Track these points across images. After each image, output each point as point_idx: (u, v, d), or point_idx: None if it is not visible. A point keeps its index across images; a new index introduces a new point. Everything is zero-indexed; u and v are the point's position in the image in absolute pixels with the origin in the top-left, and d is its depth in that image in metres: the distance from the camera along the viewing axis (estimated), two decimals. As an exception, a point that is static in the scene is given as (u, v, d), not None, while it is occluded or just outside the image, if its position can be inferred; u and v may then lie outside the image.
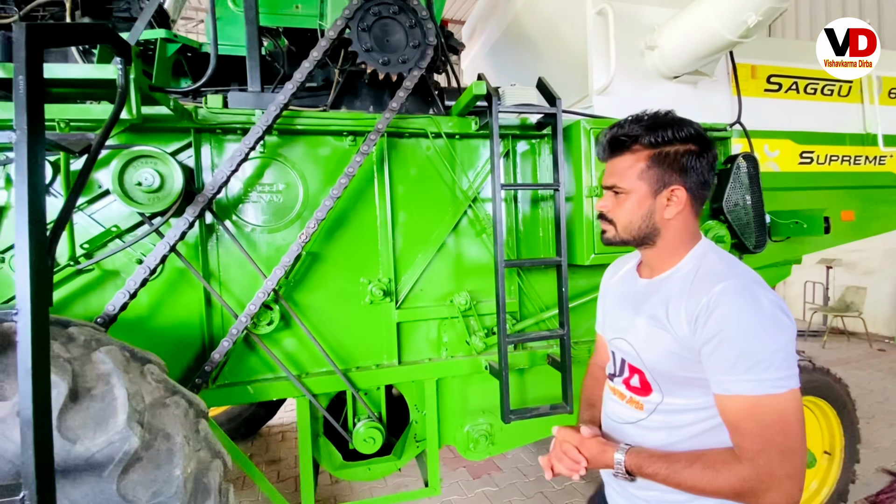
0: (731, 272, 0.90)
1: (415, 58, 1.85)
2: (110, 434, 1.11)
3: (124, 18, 2.15)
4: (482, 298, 2.06)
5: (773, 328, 0.82)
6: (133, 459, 1.13)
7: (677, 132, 0.94)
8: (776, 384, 0.80)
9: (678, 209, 0.95)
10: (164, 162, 1.63)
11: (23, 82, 0.89)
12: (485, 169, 2.07)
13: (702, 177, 0.95)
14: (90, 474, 1.08)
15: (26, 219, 0.87)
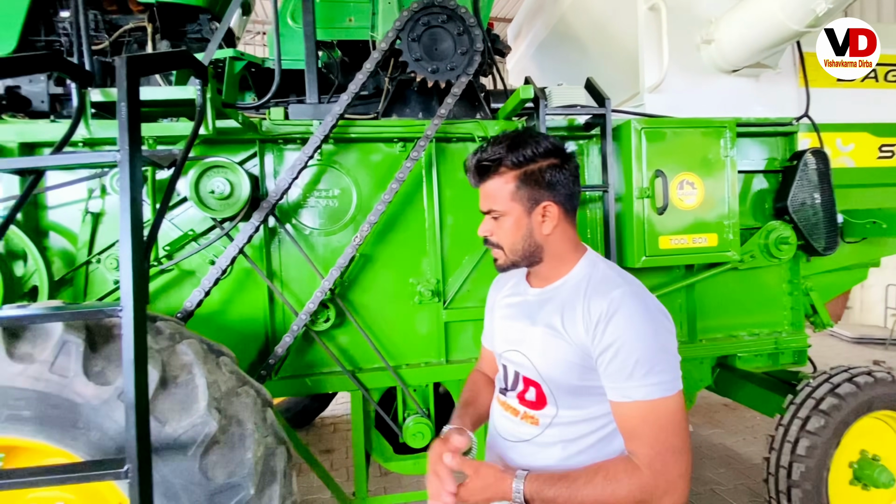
0: (622, 279, 0.94)
1: (462, 64, 1.90)
2: (193, 418, 1.25)
3: (196, 39, 2.36)
4: (529, 300, 2.07)
5: (663, 333, 0.88)
6: (212, 442, 1.26)
7: (536, 148, 0.95)
8: (669, 387, 0.84)
9: (554, 223, 0.97)
10: (233, 171, 1.78)
11: (125, 108, 1.02)
12: (532, 171, 2.07)
13: (567, 188, 0.98)
14: (177, 453, 1.22)
15: (129, 226, 1.00)
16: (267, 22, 11.53)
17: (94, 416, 1.20)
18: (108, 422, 1.21)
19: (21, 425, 1.20)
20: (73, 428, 1.20)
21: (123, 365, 0.98)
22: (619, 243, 2.02)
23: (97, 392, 1.20)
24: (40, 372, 1.20)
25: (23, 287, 1.82)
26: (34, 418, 1.20)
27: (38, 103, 2.12)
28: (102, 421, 1.20)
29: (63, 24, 2.19)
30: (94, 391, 1.20)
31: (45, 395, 1.20)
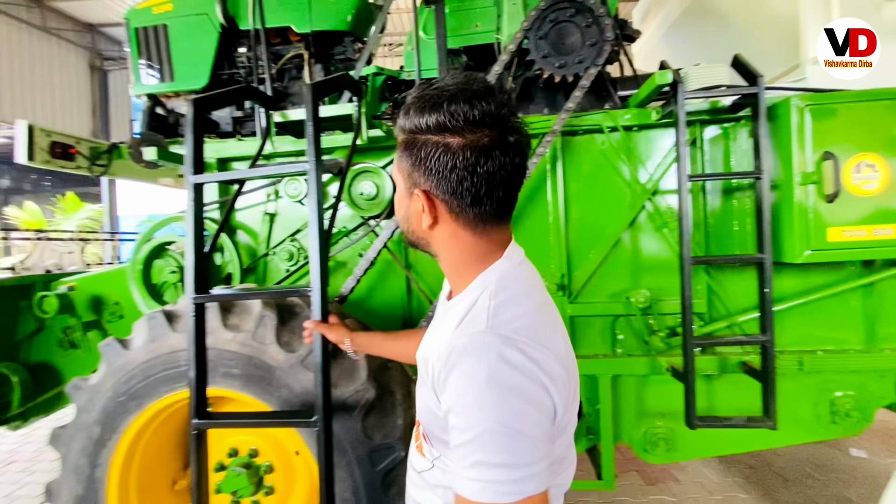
0: (489, 318, 0.66)
1: (591, 56, 1.88)
2: (357, 384, 1.46)
3: (341, 60, 2.69)
4: (663, 297, 1.97)
5: (512, 409, 0.59)
6: (371, 406, 1.46)
7: (428, 113, 0.66)
8: (505, 490, 0.58)
9: (431, 219, 0.71)
10: (378, 175, 2.01)
11: (311, 127, 1.24)
12: (667, 160, 1.97)
13: (460, 184, 0.67)
14: (344, 413, 1.44)
15: (316, 223, 1.21)
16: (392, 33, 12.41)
17: (284, 377, 1.48)
18: (293, 382, 1.48)
19: (232, 380, 1.53)
20: (269, 385, 1.49)
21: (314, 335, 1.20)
22: (775, 236, 1.81)
23: (286, 358, 1.48)
24: (245, 339, 1.52)
25: (221, 273, 2.28)
26: (241, 375, 1.52)
27: (224, 125, 2.61)
28: (290, 381, 1.48)
29: (241, 58, 2.67)
30: (284, 357, 1.48)
31: (249, 358, 1.51)
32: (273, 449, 1.75)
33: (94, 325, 2.54)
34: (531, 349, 0.63)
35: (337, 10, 2.47)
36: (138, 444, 1.64)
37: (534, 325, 0.66)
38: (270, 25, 2.43)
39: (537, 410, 0.61)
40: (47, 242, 7.54)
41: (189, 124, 1.31)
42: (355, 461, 1.44)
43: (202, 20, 2.52)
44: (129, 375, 1.56)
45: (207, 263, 1.46)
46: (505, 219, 0.74)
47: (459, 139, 0.66)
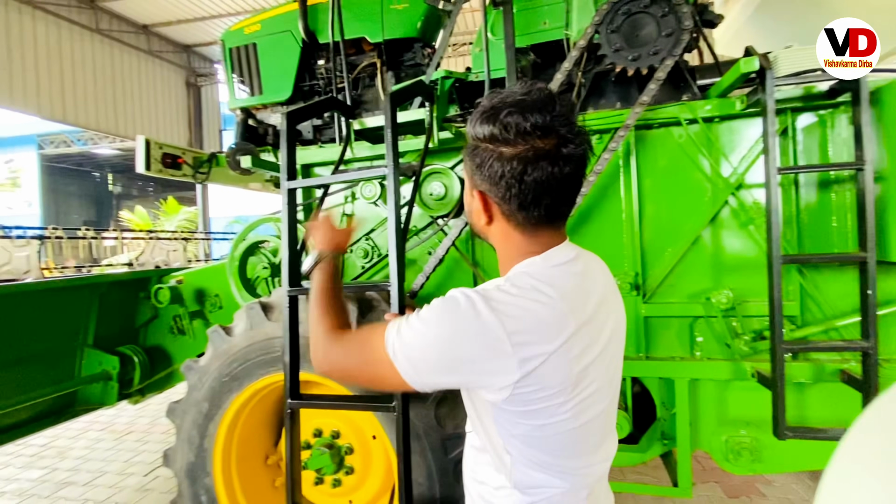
0: (483, 287, 0.79)
1: (668, 47, 1.81)
2: (430, 376, 1.54)
3: (411, 66, 2.80)
4: (748, 298, 1.85)
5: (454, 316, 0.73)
6: (443, 397, 1.54)
7: (485, 124, 0.74)
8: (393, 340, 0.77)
9: (486, 219, 0.81)
10: (447, 176, 2.08)
11: (390, 133, 1.33)
12: (753, 151, 1.84)
13: (505, 191, 0.74)
14: (418, 401, 1.53)
15: (394, 222, 1.30)
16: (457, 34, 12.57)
17: (364, 366, 1.60)
18: (372, 371, 1.59)
19: (319, 367, 1.68)
20: (351, 373, 1.62)
21: (392, 327, 1.30)
22: (879, 233, 1.63)
23: (366, 348, 1.59)
24: (330, 329, 1.66)
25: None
26: (327, 363, 1.66)
27: (305, 134, 2.83)
28: (369, 370, 1.59)
29: (320, 70, 2.87)
30: (364, 347, 1.60)
31: (333, 347, 1.65)
32: (353, 432, 1.89)
33: (197, 314, 2.87)
34: (491, 311, 0.72)
35: (407, 18, 2.59)
36: (238, 420, 1.84)
37: (522, 309, 0.73)
38: (346, 37, 2.60)
39: (476, 334, 0.71)
40: (156, 241, 8.59)
41: (283, 135, 1.46)
42: (429, 448, 1.52)
43: (286, 37, 2.75)
44: (232, 359, 1.76)
45: (300, 260, 1.61)
46: (556, 223, 0.80)
47: (510, 149, 0.73)
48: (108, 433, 4.28)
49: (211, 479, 1.84)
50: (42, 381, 2.54)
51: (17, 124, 17.73)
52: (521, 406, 0.75)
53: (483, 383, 0.75)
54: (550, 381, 0.74)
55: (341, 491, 1.89)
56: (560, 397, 0.75)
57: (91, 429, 4.40)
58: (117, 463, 3.63)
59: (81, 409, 2.83)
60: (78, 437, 4.19)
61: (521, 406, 0.75)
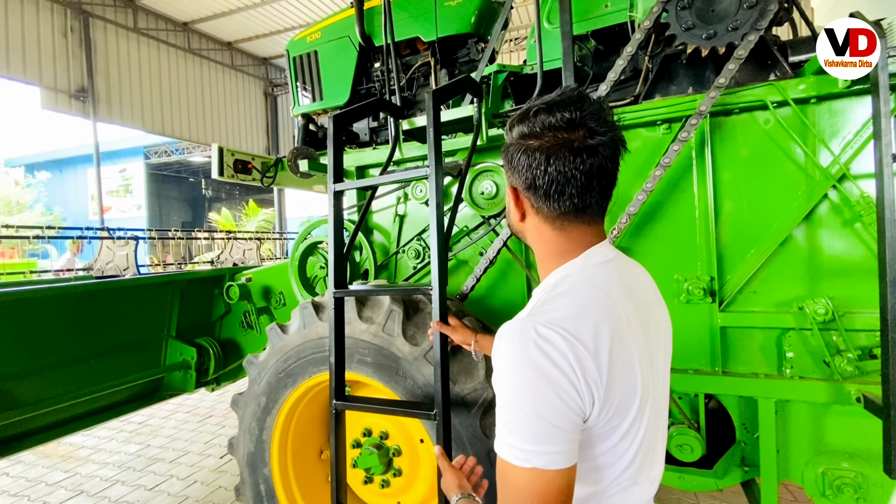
0: (534, 307, 0.75)
1: (750, 20, 1.59)
2: (475, 383, 1.48)
3: (465, 62, 2.74)
4: (852, 308, 1.57)
5: (525, 388, 0.67)
6: (489, 406, 1.46)
7: (518, 124, 0.77)
8: (519, 455, 0.67)
9: (519, 214, 0.82)
10: (499, 174, 2.00)
11: (431, 132, 1.29)
12: (860, 136, 1.56)
13: (531, 181, 0.76)
14: (463, 409, 1.47)
15: (436, 224, 1.25)
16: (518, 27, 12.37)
17: (409, 369, 1.57)
18: (417, 374, 1.56)
19: (365, 367, 1.68)
20: (396, 375, 1.60)
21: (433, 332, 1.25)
22: None
23: (411, 350, 1.56)
24: (377, 331, 1.65)
25: (359, 270, 2.53)
26: (373, 363, 1.66)
27: (362, 136, 2.87)
28: (414, 373, 1.56)
29: (375, 72, 2.91)
30: (410, 349, 1.57)
31: (379, 348, 1.64)
32: (401, 434, 1.88)
33: (264, 310, 3.04)
34: (560, 338, 0.67)
35: (460, 14, 2.53)
36: (294, 415, 1.91)
37: (573, 318, 0.70)
38: (401, 38, 2.60)
39: (554, 394, 0.66)
40: (234, 241, 9.40)
41: (330, 138, 1.47)
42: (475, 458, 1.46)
43: (344, 42, 2.81)
44: (287, 356, 1.82)
45: (346, 262, 1.62)
46: (585, 218, 0.78)
47: (536, 142, 0.75)
48: (192, 416, 4.71)
49: (269, 470, 1.92)
50: (134, 368, 2.83)
51: (127, 138, 20.25)
52: (597, 426, 0.71)
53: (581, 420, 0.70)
54: (612, 400, 0.69)
55: (390, 492, 1.88)
56: (618, 417, 0.71)
57: (179, 411, 4.86)
58: (198, 444, 3.97)
59: (167, 393, 3.11)
60: (168, 418, 4.66)
61: (597, 427, 0.71)
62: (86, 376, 2.56)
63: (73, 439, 4.14)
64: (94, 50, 10.52)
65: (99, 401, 2.71)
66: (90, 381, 2.57)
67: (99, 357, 2.65)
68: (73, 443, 4.09)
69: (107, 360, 2.70)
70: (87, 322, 2.57)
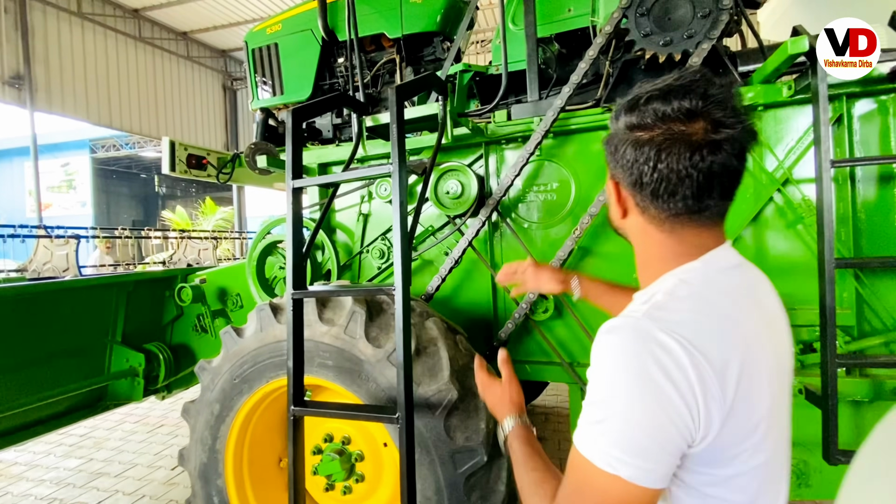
0: (651, 308, 0.64)
1: (704, 29, 1.65)
2: (439, 384, 1.46)
3: (431, 60, 2.72)
4: (795, 306, 1.67)
5: (636, 397, 0.59)
6: (453, 407, 1.45)
7: (626, 114, 0.68)
8: (602, 456, 0.60)
9: (620, 211, 0.75)
10: (464, 173, 1.99)
11: (395, 129, 1.26)
12: (803, 143, 1.66)
13: (637, 178, 0.67)
14: (427, 411, 1.45)
15: (399, 223, 1.23)
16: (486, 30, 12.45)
17: (372, 371, 1.54)
18: (380, 377, 1.52)
19: (326, 371, 1.63)
20: (358, 378, 1.56)
21: (396, 333, 1.22)
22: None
23: (374, 352, 1.53)
24: (338, 333, 1.60)
25: (321, 270, 2.45)
26: (334, 367, 1.61)
27: (325, 133, 2.80)
28: (377, 376, 1.53)
29: (339, 68, 2.84)
30: (372, 351, 1.53)
31: (341, 351, 1.59)
32: (364, 438, 1.83)
33: (220, 313, 2.90)
34: (682, 350, 0.59)
35: (426, 12, 2.51)
36: (250, 423, 1.82)
37: (699, 328, 0.61)
38: (365, 34, 2.54)
39: (664, 412, 0.58)
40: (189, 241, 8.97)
41: (288, 132, 1.41)
42: (438, 461, 1.44)
43: (306, 36, 2.73)
44: (243, 361, 1.74)
45: (305, 262, 1.56)
46: (701, 220, 0.68)
47: (647, 134, 0.66)
48: (141, 426, 4.44)
49: (223, 481, 1.83)
50: (75, 376, 2.63)
51: (71, 130, 18.90)
52: (711, 454, 0.62)
53: (697, 436, 0.61)
54: (733, 426, 0.61)
55: (352, 499, 1.84)
56: (736, 447, 0.63)
57: (127, 420, 4.57)
58: (148, 455, 3.74)
59: (112, 403, 2.91)
60: (114, 429, 4.37)
61: (711, 454, 0.62)
62: (18, 387, 2.36)
63: (5, 455, 3.81)
64: (31, 34, 9.78)
65: (33, 413, 2.50)
66: (23, 391, 2.37)
67: (33, 366, 2.44)
68: (4, 459, 3.76)
69: (42, 369, 2.50)
70: (20, 327, 2.37)
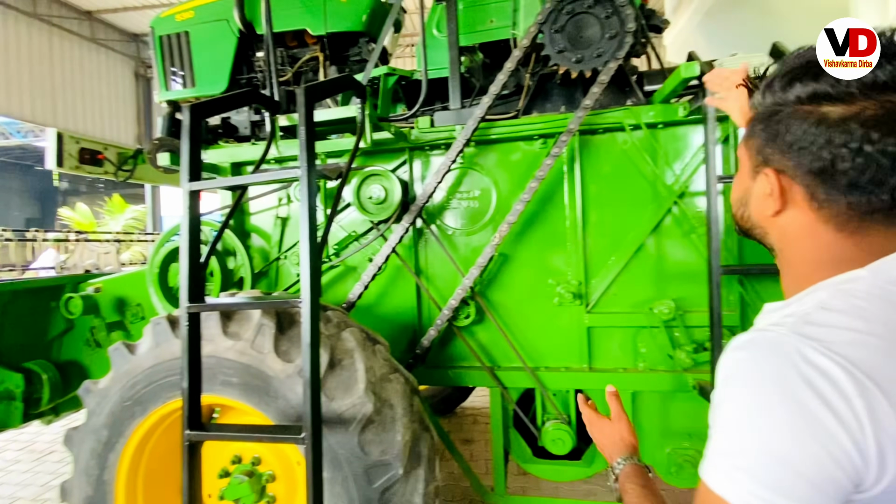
0: (799, 319, 0.53)
1: (611, 49, 1.75)
2: (354, 398, 1.41)
3: (357, 61, 2.65)
4: (690, 308, 1.82)
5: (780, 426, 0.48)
6: (368, 421, 1.40)
7: (802, 82, 0.58)
8: (741, 493, 0.48)
9: (778, 206, 0.60)
10: (387, 178, 1.95)
11: (304, 131, 1.19)
12: (696, 159, 1.81)
13: (828, 164, 0.55)
14: (340, 427, 1.39)
15: (307, 230, 1.16)
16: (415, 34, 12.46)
17: (281, 387, 1.45)
18: (290, 393, 1.44)
19: (231, 389, 1.51)
20: (266, 395, 1.46)
21: (302, 347, 1.16)
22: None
23: (284, 367, 1.44)
24: (244, 347, 1.49)
25: (233, 277, 2.29)
26: (240, 384, 1.49)
27: (242, 129, 2.63)
28: (287, 392, 1.44)
29: (258, 62, 2.68)
30: (282, 366, 1.45)
31: (247, 367, 1.49)
32: (276, 458, 1.73)
33: (118, 325, 2.61)
34: (843, 373, 0.47)
35: (352, 11, 2.44)
36: (145, 449, 1.65)
37: (866, 348, 0.48)
38: (286, 29, 2.42)
39: (818, 443, 0.46)
40: (86, 243, 8.01)
41: (185, 130, 1.30)
42: (352, 477, 1.39)
43: (221, 26, 2.55)
44: (135, 380, 1.57)
45: (203, 270, 1.44)
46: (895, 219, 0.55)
47: (842, 108, 0.56)
48: (26, 453, 3.89)
49: (113, 516, 1.64)
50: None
51: (-55, 113, 16.27)
52: None
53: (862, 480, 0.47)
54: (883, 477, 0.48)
55: (264, 522, 1.72)
56: None
57: (8, 448, 3.99)
58: (33, 487, 3.28)
59: (-18, 432, 2.52)
60: (-10, 460, 3.79)
61: None
62: None
63: None
64: None
65: None
66: None
67: None
68: None
69: None
70: None
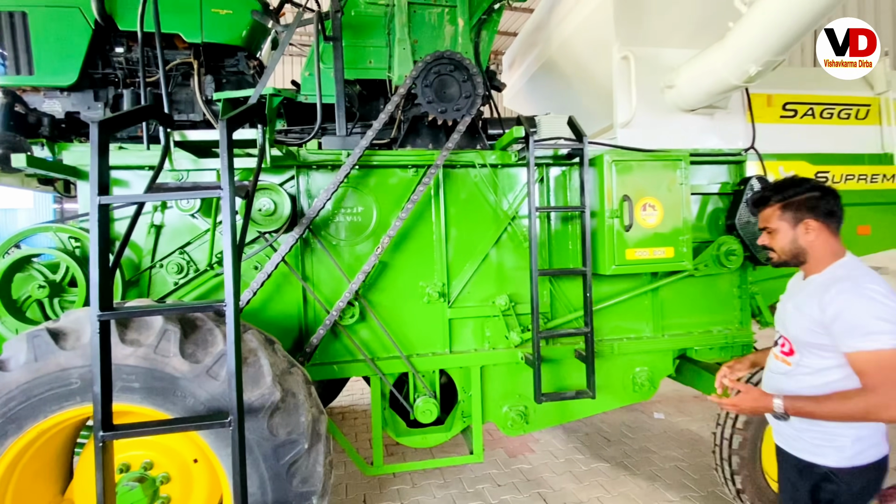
0: (847, 276, 1.32)
1: (466, 106, 2.30)
2: (262, 389, 1.63)
3: (233, 73, 2.73)
4: (519, 301, 2.48)
5: (876, 305, 1.23)
6: (276, 408, 1.64)
7: (797, 187, 1.42)
8: (885, 340, 1.20)
9: (814, 235, 1.39)
10: (276, 192, 2.16)
11: (226, 157, 1.40)
12: (522, 192, 2.49)
13: (825, 210, 1.38)
14: (252, 415, 1.60)
15: (230, 246, 1.38)
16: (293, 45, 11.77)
17: (189, 387, 1.58)
18: (199, 391, 1.59)
19: (132, 394, 1.58)
20: (173, 395, 1.58)
21: (227, 344, 1.36)
22: (594, 254, 2.43)
23: (192, 368, 1.58)
24: (146, 353, 1.58)
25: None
26: (142, 388, 1.57)
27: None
28: (195, 390, 1.58)
29: (118, 58, 2.55)
30: (189, 368, 1.58)
31: (151, 371, 1.58)
32: (169, 459, 1.80)
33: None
34: (877, 281, 1.28)
35: (230, 25, 2.53)
36: (15, 469, 1.56)
37: (869, 273, 1.32)
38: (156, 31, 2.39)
39: (886, 308, 1.23)
40: None
41: (94, 146, 1.36)
42: (261, 457, 1.61)
43: (73, 14, 2.37)
44: (8, 398, 1.49)
45: (111, 280, 1.49)
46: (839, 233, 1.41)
47: (816, 192, 1.40)
48: None
49: (-35, 550, 1.51)
50: None
51: None
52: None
53: None
54: None
55: (156, 524, 1.78)
56: None
57: None
58: None
59: None
60: None
61: None
62: None
63: None
64: None
65: None
66: None
67: None
68: None
69: None
70: None
